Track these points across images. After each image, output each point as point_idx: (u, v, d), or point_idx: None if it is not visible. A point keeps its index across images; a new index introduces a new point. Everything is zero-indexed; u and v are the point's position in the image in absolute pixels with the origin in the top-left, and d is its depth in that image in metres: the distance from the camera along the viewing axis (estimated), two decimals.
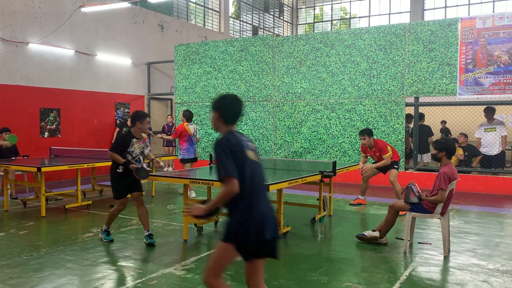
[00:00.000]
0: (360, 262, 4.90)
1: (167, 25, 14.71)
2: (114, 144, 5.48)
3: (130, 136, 5.42)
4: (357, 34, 10.29)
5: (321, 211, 6.69)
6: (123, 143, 5.37)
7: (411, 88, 9.75)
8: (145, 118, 5.36)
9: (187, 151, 8.91)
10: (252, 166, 2.89)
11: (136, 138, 5.44)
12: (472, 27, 9.12)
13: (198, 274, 4.45)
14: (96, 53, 12.11)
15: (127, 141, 5.38)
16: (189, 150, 8.92)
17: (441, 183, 5.00)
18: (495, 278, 4.38)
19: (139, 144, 5.46)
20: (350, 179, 10.33)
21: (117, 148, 5.36)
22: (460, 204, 8.13)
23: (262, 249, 2.84)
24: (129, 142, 5.37)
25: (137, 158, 5.49)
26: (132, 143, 5.38)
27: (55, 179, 10.82)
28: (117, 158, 5.32)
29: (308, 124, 10.84)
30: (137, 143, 5.43)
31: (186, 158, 8.90)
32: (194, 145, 9.00)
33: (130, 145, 5.37)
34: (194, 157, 9.01)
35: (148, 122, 5.49)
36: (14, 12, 10.08)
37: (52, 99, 10.96)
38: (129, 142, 5.37)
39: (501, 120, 9.74)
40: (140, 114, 5.40)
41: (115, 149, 5.36)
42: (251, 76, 11.55)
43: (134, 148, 5.39)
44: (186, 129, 8.89)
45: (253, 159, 2.92)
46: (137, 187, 5.52)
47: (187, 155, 8.90)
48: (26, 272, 4.50)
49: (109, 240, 5.65)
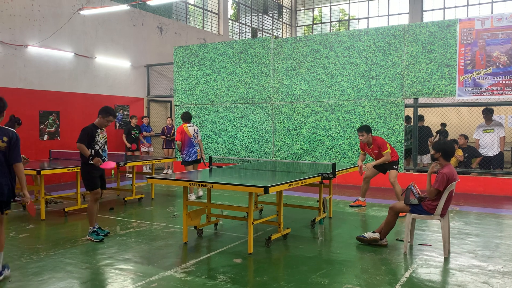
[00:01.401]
0: (360, 264, 4.89)
1: (166, 27, 14.73)
2: (81, 135, 5.80)
3: (95, 127, 5.88)
4: (356, 36, 10.30)
5: (321, 213, 6.68)
6: (90, 134, 5.79)
7: (410, 90, 9.76)
8: (107, 116, 5.84)
9: (188, 155, 8.75)
10: None
11: (100, 129, 5.91)
12: (471, 28, 9.13)
13: (199, 276, 4.44)
14: (95, 55, 12.11)
15: (93, 132, 5.82)
16: (189, 153, 8.75)
17: (436, 183, 5.02)
18: (496, 279, 4.38)
19: (103, 134, 5.95)
20: (350, 181, 10.33)
21: (85, 139, 5.75)
22: (460, 205, 8.14)
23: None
24: (95, 133, 5.82)
25: (103, 147, 5.96)
26: (98, 133, 5.85)
27: (55, 182, 10.81)
28: (85, 150, 5.72)
29: (308, 126, 10.85)
30: (101, 133, 5.92)
31: (187, 161, 8.76)
32: (194, 147, 8.78)
33: (96, 135, 5.82)
34: (195, 159, 8.83)
35: (110, 120, 5.92)
36: (13, 15, 10.09)
37: (51, 102, 10.96)
38: (94, 132, 5.82)
39: (499, 122, 9.74)
40: (104, 109, 5.91)
41: (84, 140, 5.74)
42: (250, 78, 11.56)
43: (99, 137, 5.87)
44: (185, 131, 8.73)
45: None
46: (103, 185, 6.00)
47: (187, 158, 8.75)
48: (25, 276, 4.49)
49: (100, 240, 5.70)
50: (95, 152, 5.80)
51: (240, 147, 11.73)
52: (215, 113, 12.07)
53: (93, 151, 5.79)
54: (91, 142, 5.78)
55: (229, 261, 4.93)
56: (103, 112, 5.88)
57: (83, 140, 5.73)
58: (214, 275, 4.51)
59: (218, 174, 6.18)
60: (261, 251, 5.30)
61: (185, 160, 8.79)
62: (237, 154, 11.73)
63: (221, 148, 11.98)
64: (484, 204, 8.37)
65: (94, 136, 5.79)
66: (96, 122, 5.91)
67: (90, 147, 5.78)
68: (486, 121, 9.56)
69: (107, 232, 5.99)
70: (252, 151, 11.59)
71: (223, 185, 5.29)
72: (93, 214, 5.81)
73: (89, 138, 5.76)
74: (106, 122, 5.91)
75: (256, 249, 5.35)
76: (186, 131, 8.75)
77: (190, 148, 8.76)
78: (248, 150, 11.63)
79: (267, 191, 4.79)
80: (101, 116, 5.88)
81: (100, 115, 5.89)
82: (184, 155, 8.79)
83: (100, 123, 5.91)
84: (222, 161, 11.81)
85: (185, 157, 8.78)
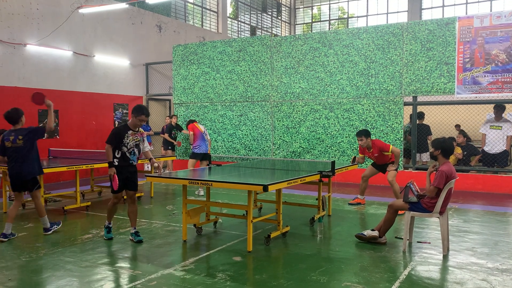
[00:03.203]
0: (360, 261, 4.90)
1: (165, 25, 14.70)
2: (110, 136, 5.47)
3: (126, 128, 5.48)
4: (355, 34, 10.30)
5: (320, 211, 6.69)
6: (119, 135, 5.42)
7: (409, 88, 9.76)
8: (140, 115, 5.42)
9: (199, 147, 9.22)
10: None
11: (132, 130, 5.50)
12: (470, 26, 9.13)
13: (198, 274, 4.45)
14: (94, 54, 12.10)
15: (122, 132, 5.43)
16: (201, 146, 9.24)
17: (436, 181, 5.02)
18: (494, 276, 4.39)
19: (134, 136, 5.50)
20: (349, 179, 10.34)
21: (113, 140, 5.40)
22: (459, 203, 8.15)
23: None
24: (124, 134, 5.43)
25: (132, 150, 5.52)
26: (128, 135, 5.45)
27: (54, 181, 10.80)
28: (108, 153, 5.41)
29: (307, 124, 10.85)
30: (132, 135, 5.48)
31: (196, 153, 9.20)
32: (206, 142, 9.33)
33: (125, 137, 5.42)
34: (205, 153, 9.27)
35: (143, 120, 5.48)
36: (11, 13, 10.07)
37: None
38: (124, 134, 5.43)
39: (509, 119, 9.57)
40: (136, 108, 5.47)
41: (112, 141, 5.40)
42: (249, 76, 11.55)
43: (129, 139, 5.45)
44: (197, 126, 9.33)
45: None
46: (133, 186, 5.63)
47: (197, 150, 9.21)
48: (25, 274, 4.49)
49: (109, 238, 5.71)
50: (121, 154, 5.44)
51: (239, 145, 11.73)
52: (214, 111, 12.07)
53: (120, 152, 5.43)
54: (119, 143, 5.40)
55: (229, 259, 4.94)
56: (135, 111, 5.44)
57: (110, 140, 5.40)
58: (213, 273, 4.51)
59: (217, 172, 6.18)
60: (261, 249, 5.31)
61: (195, 152, 9.23)
62: (236, 152, 11.73)
63: (220, 146, 11.98)
64: (483, 201, 8.38)
65: (122, 138, 5.40)
66: (129, 123, 5.51)
67: (118, 148, 5.43)
68: (496, 117, 9.40)
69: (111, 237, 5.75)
70: (251, 149, 11.59)
71: (222, 183, 5.30)
72: (109, 212, 5.71)
73: (117, 139, 5.39)
74: (139, 122, 5.46)
75: (256, 247, 5.35)
76: (198, 127, 9.34)
77: (201, 141, 9.27)
78: (247, 149, 11.63)
79: (266, 189, 4.80)
80: (133, 116, 5.44)
81: (132, 115, 5.46)
82: (195, 147, 9.23)
83: (133, 123, 5.48)
84: (221, 159, 11.81)
85: (196, 149, 9.23)
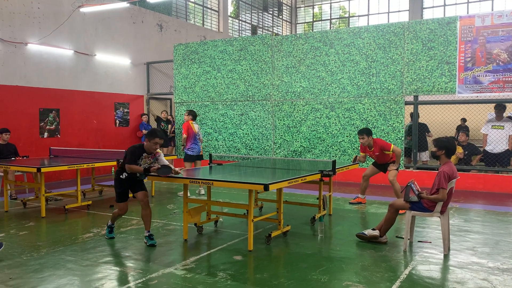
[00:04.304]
0: (360, 261, 4.90)
1: (166, 25, 14.70)
2: (129, 157, 5.47)
3: (142, 150, 5.50)
4: (356, 33, 10.29)
5: (321, 210, 6.69)
6: (136, 154, 5.45)
7: (410, 87, 9.75)
8: (153, 138, 5.41)
9: (192, 149, 9.06)
10: None
11: (147, 153, 5.51)
12: (471, 25, 9.12)
13: (199, 274, 4.45)
14: (95, 53, 12.10)
15: (138, 153, 5.47)
16: (193, 148, 9.08)
17: (441, 182, 5.00)
18: (495, 276, 4.39)
19: (147, 159, 5.54)
20: (350, 178, 10.34)
21: (133, 159, 5.42)
22: (460, 203, 8.14)
23: None
24: (140, 155, 5.47)
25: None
26: (142, 157, 5.49)
27: (55, 180, 10.81)
28: (136, 169, 5.42)
29: (308, 123, 10.85)
30: (146, 157, 5.52)
31: (190, 154, 9.06)
32: (198, 144, 9.18)
33: (140, 158, 5.48)
34: (198, 155, 9.18)
35: (157, 142, 5.45)
36: (13, 12, 10.07)
37: (51, 99, 10.95)
38: (140, 155, 5.47)
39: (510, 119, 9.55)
40: (150, 132, 5.49)
41: (133, 161, 5.42)
42: (250, 75, 11.55)
43: (142, 162, 5.50)
44: (191, 126, 9.08)
45: None
46: (140, 187, 5.64)
47: (191, 152, 9.07)
48: (26, 273, 4.50)
49: (110, 238, 5.74)
50: (129, 174, 5.53)
51: (240, 144, 11.74)
52: (215, 110, 12.07)
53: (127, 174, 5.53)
54: (134, 162, 5.43)
55: (229, 258, 4.94)
56: (148, 135, 5.44)
57: (131, 161, 5.41)
58: (214, 272, 4.52)
59: (218, 172, 6.18)
60: (261, 248, 5.31)
61: (188, 153, 9.06)
62: (237, 151, 11.74)
63: (221, 145, 11.99)
64: (484, 201, 8.37)
65: (137, 158, 5.45)
66: (145, 146, 5.51)
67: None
68: (497, 117, 9.40)
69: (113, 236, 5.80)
70: (252, 149, 11.59)
71: (223, 182, 5.31)
72: (113, 217, 5.78)
73: (135, 157, 5.43)
74: (153, 145, 5.44)
75: (256, 246, 5.36)
76: (192, 127, 9.09)
77: (195, 144, 9.11)
78: (248, 148, 11.64)
79: (267, 189, 4.80)
80: (147, 140, 5.44)
81: (146, 139, 5.47)
82: (188, 149, 9.06)
83: (148, 147, 5.47)
84: (222, 158, 11.81)
85: (189, 151, 9.07)
